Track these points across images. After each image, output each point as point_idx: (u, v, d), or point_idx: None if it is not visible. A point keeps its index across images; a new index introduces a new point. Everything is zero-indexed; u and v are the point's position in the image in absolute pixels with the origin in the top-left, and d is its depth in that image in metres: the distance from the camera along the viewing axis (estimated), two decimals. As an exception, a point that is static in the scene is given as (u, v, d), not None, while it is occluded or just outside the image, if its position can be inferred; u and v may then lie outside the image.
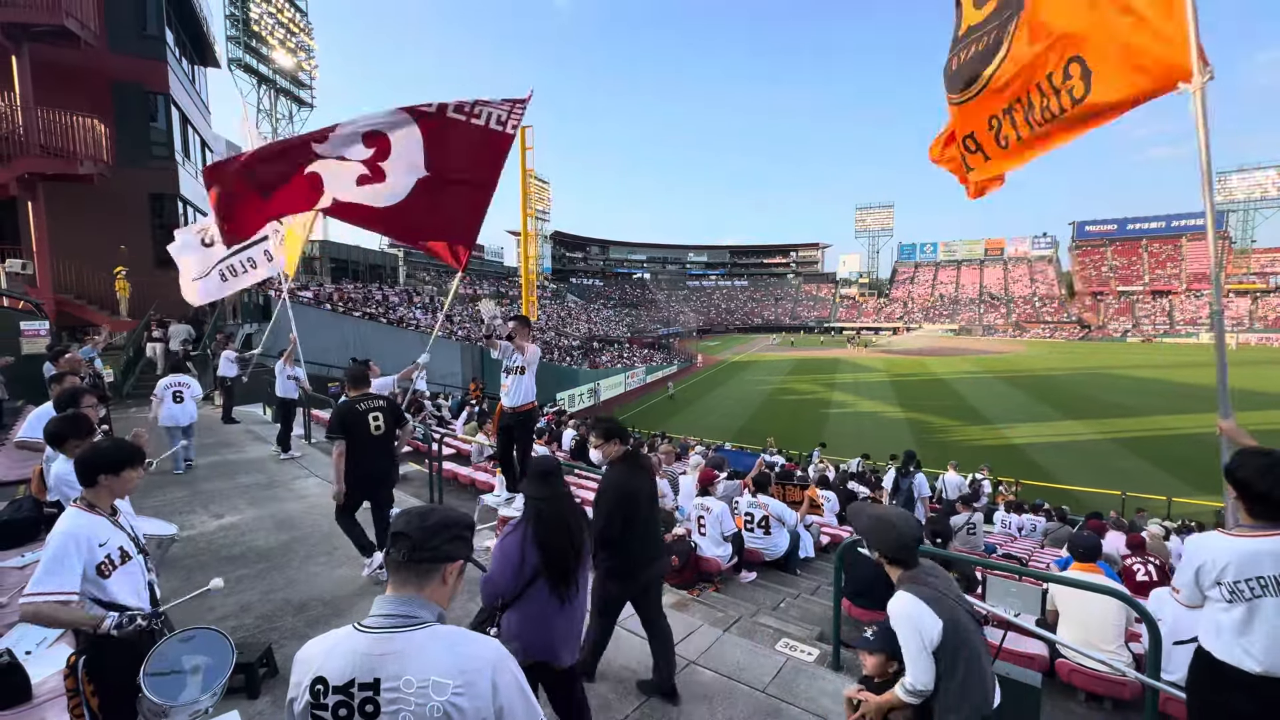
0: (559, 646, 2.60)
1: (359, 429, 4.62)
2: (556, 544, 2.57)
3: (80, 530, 2.28)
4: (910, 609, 2.11)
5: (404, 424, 5.02)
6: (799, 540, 6.72)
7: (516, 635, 2.56)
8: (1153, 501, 14.75)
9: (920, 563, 2.28)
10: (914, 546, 2.25)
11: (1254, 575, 2.15)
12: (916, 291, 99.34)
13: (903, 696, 2.17)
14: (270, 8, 39.34)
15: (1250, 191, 78.84)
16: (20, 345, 10.22)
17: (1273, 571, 2.12)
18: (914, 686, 2.13)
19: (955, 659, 2.07)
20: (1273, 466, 2.16)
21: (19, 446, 5.07)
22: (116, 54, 15.30)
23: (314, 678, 1.33)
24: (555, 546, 2.57)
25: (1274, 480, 2.14)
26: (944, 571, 2.34)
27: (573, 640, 2.69)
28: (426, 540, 1.43)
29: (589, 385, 34.50)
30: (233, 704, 3.00)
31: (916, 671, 2.12)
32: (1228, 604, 2.22)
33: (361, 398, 4.77)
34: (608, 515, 3.18)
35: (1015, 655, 3.93)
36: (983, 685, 2.11)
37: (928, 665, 2.08)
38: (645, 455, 3.68)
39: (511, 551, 2.59)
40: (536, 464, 2.89)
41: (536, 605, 2.56)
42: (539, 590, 2.55)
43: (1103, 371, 42.79)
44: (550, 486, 2.73)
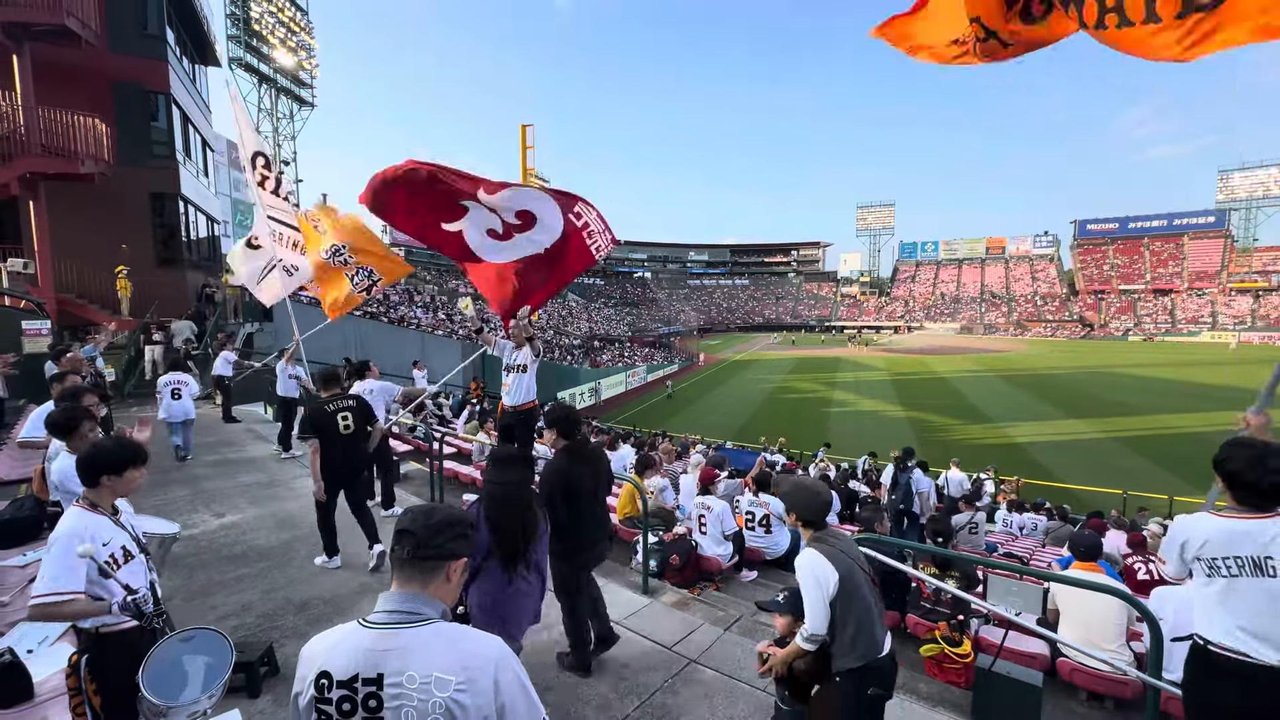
0: (509, 626, 2.79)
1: (329, 429, 4.85)
2: (507, 525, 2.77)
3: (83, 530, 2.28)
4: (813, 562, 2.38)
5: (373, 423, 5.22)
6: (800, 539, 6.72)
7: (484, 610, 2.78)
8: (1154, 500, 14.73)
9: (827, 526, 2.56)
10: (825, 512, 2.56)
11: (1232, 554, 2.24)
12: (918, 290, 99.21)
13: (802, 644, 2.42)
14: (271, 7, 39.36)
15: (1253, 190, 78.70)
16: (22, 344, 10.24)
17: (1250, 552, 2.20)
18: (810, 633, 2.38)
19: (849, 609, 2.33)
20: (1261, 458, 2.25)
21: (21, 445, 5.08)
22: (117, 53, 15.30)
23: (319, 673, 1.34)
24: (506, 527, 2.77)
25: (1262, 471, 2.23)
26: (846, 535, 2.65)
27: (523, 622, 2.91)
28: (430, 538, 1.44)
29: (590, 384, 34.50)
30: (234, 703, 3.00)
31: (814, 619, 2.36)
32: (1206, 578, 2.32)
33: (331, 398, 5.02)
34: (548, 500, 3.35)
35: (1016, 654, 3.92)
36: (872, 634, 2.36)
37: (824, 613, 2.33)
38: (591, 445, 3.86)
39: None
40: (495, 452, 3.25)
41: (490, 583, 2.77)
42: (493, 569, 2.76)
43: (1104, 370, 42.74)
44: (506, 472, 2.92)
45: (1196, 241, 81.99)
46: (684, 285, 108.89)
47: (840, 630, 2.34)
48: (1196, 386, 33.98)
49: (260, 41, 39.32)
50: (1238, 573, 2.22)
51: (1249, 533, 2.21)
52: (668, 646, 3.92)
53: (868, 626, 2.34)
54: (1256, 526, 2.20)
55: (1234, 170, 79.90)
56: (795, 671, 2.47)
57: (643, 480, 6.44)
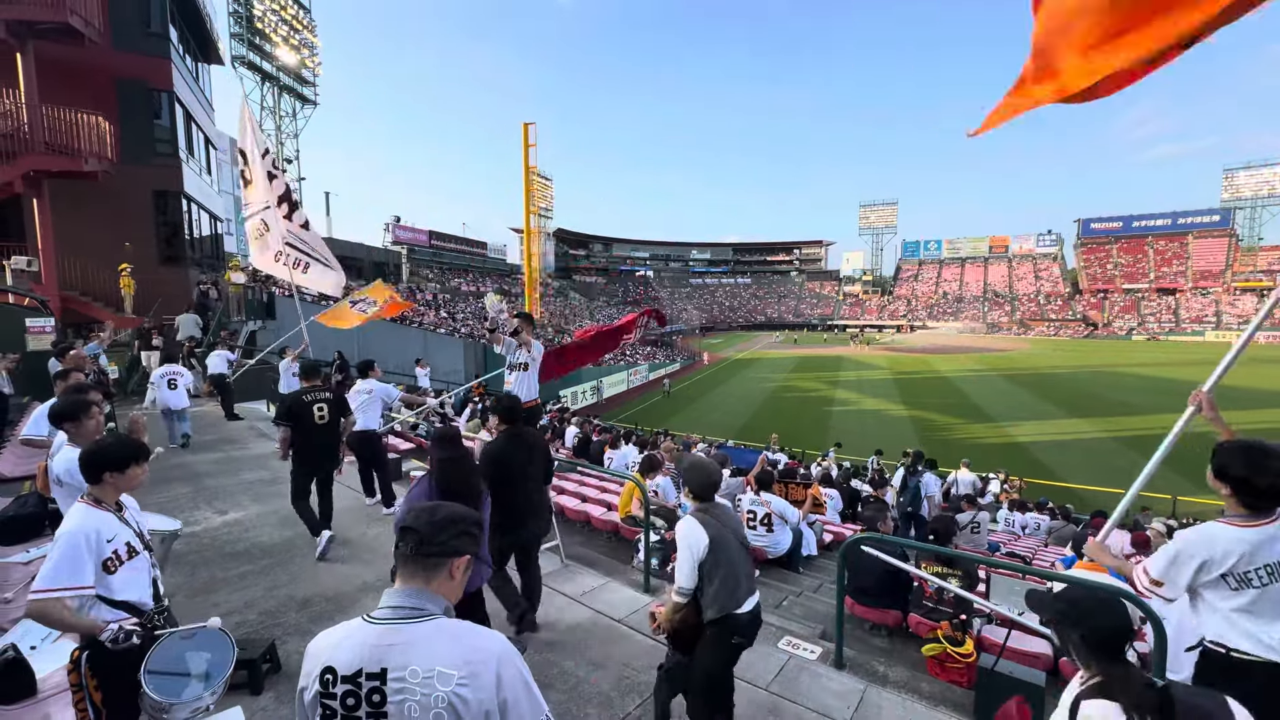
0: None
1: (304, 417, 5.16)
2: (455, 491, 3.16)
3: (88, 526, 2.29)
4: (690, 528, 2.69)
5: (347, 414, 5.60)
6: (802, 538, 6.71)
7: None
8: (1157, 500, 14.68)
9: (714, 500, 2.87)
10: (712, 489, 2.85)
11: (1262, 563, 2.18)
12: (920, 289, 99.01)
13: (674, 598, 2.75)
14: (274, 4, 39.38)
15: (1258, 189, 78.36)
16: (26, 342, 10.27)
17: (1274, 559, 2.17)
18: (679, 588, 2.72)
19: (715, 569, 2.65)
20: (1265, 460, 2.20)
21: (24, 443, 5.08)
22: (121, 51, 15.33)
23: (323, 668, 1.35)
24: (454, 493, 3.14)
25: (1273, 474, 2.18)
26: (728, 508, 2.97)
27: (478, 575, 3.28)
28: (434, 535, 1.45)
29: (592, 383, 34.51)
30: (236, 700, 3.00)
31: (682, 576, 2.70)
32: (1233, 592, 2.23)
33: (310, 389, 5.34)
34: (483, 475, 3.70)
35: (1019, 654, 3.91)
36: (735, 589, 2.69)
37: (692, 572, 2.67)
38: (531, 431, 4.36)
39: (418, 498, 3.22)
40: (440, 431, 3.63)
41: None
42: None
43: (1108, 369, 42.61)
44: (451, 449, 3.39)
45: (1201, 240, 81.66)
46: (686, 284, 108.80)
47: (707, 586, 2.67)
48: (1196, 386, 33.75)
49: (263, 39, 39.35)
50: (1268, 580, 2.18)
51: (1275, 538, 2.18)
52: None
53: (730, 585, 2.67)
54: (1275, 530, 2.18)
55: (1239, 169, 79.54)
56: (677, 625, 2.80)
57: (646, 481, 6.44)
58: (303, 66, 43.08)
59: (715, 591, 2.65)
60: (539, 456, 4.10)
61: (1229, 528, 2.27)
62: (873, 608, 4.78)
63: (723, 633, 2.70)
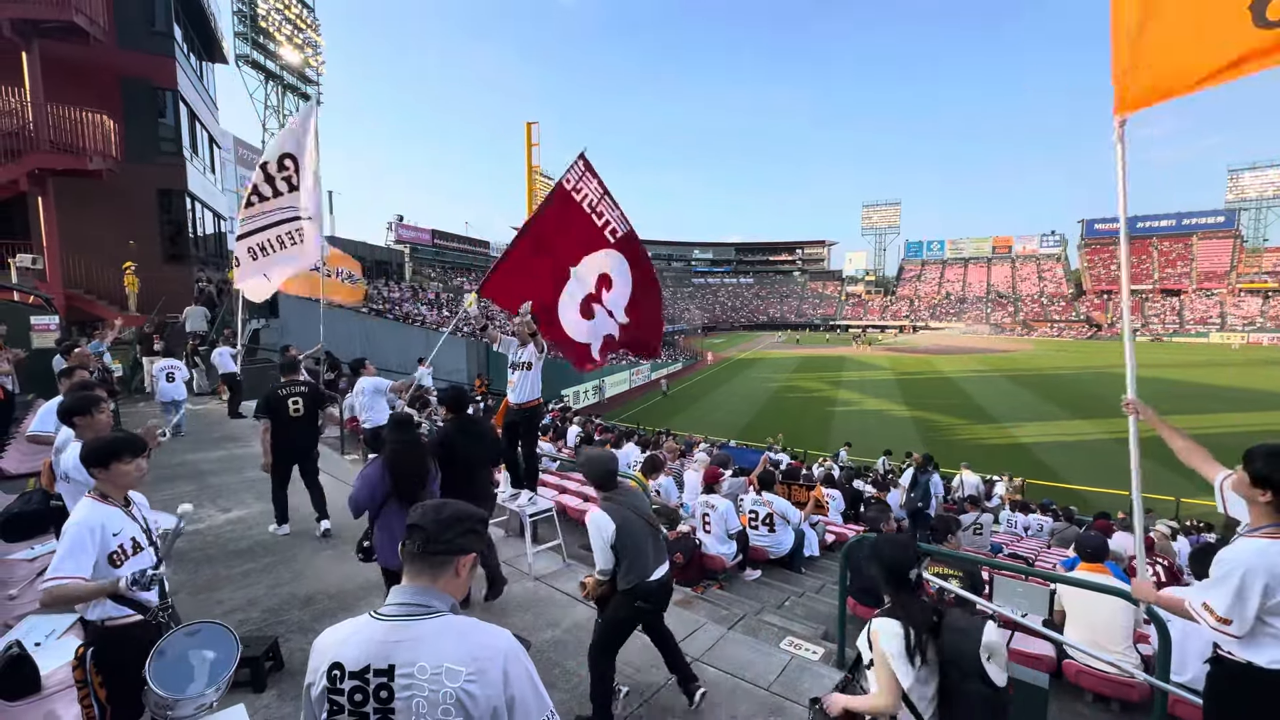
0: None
1: (280, 411, 5.48)
2: (406, 473, 3.54)
3: (94, 519, 2.31)
4: (597, 517, 3.04)
5: (324, 407, 5.91)
6: (804, 538, 6.71)
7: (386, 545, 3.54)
8: (1161, 502, 14.63)
9: (619, 486, 3.20)
10: (610, 478, 3.19)
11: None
12: (923, 289, 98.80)
13: (596, 575, 3.16)
14: (278, 4, 39.39)
15: (1262, 190, 78.00)
16: (31, 339, 10.31)
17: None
18: (600, 570, 3.12)
19: (624, 548, 3.03)
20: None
21: (29, 440, 5.11)
22: (125, 50, 15.36)
23: (331, 664, 1.36)
24: (405, 474, 3.54)
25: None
26: (635, 491, 3.31)
27: None
28: (440, 533, 1.45)
29: (594, 382, 34.51)
30: (239, 697, 3.01)
31: (599, 560, 3.08)
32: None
33: (288, 384, 5.64)
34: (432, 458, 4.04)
35: (1022, 656, 3.90)
36: (643, 566, 3.07)
37: (605, 553, 3.04)
38: (478, 419, 4.82)
39: (373, 478, 3.55)
40: (394, 416, 4.02)
41: (394, 519, 3.48)
42: (392, 509, 3.51)
43: (1111, 371, 42.41)
44: (404, 433, 3.73)
45: (1205, 241, 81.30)
46: (688, 284, 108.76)
47: (620, 562, 3.06)
48: (1204, 387, 33.76)
49: (267, 39, 39.37)
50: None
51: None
52: (671, 645, 3.91)
53: (639, 561, 3.06)
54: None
55: (1244, 170, 79.20)
56: (600, 593, 3.22)
57: (648, 481, 6.45)
58: (306, 66, 43.10)
59: (627, 567, 3.06)
60: (485, 443, 4.49)
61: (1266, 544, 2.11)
62: (875, 608, 4.77)
63: (630, 597, 3.10)
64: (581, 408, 29.03)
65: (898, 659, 2.01)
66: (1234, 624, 2.11)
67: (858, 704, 2.17)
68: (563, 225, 5.63)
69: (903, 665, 2.01)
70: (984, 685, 1.96)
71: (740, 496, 6.56)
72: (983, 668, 1.96)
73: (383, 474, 3.55)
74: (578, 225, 5.63)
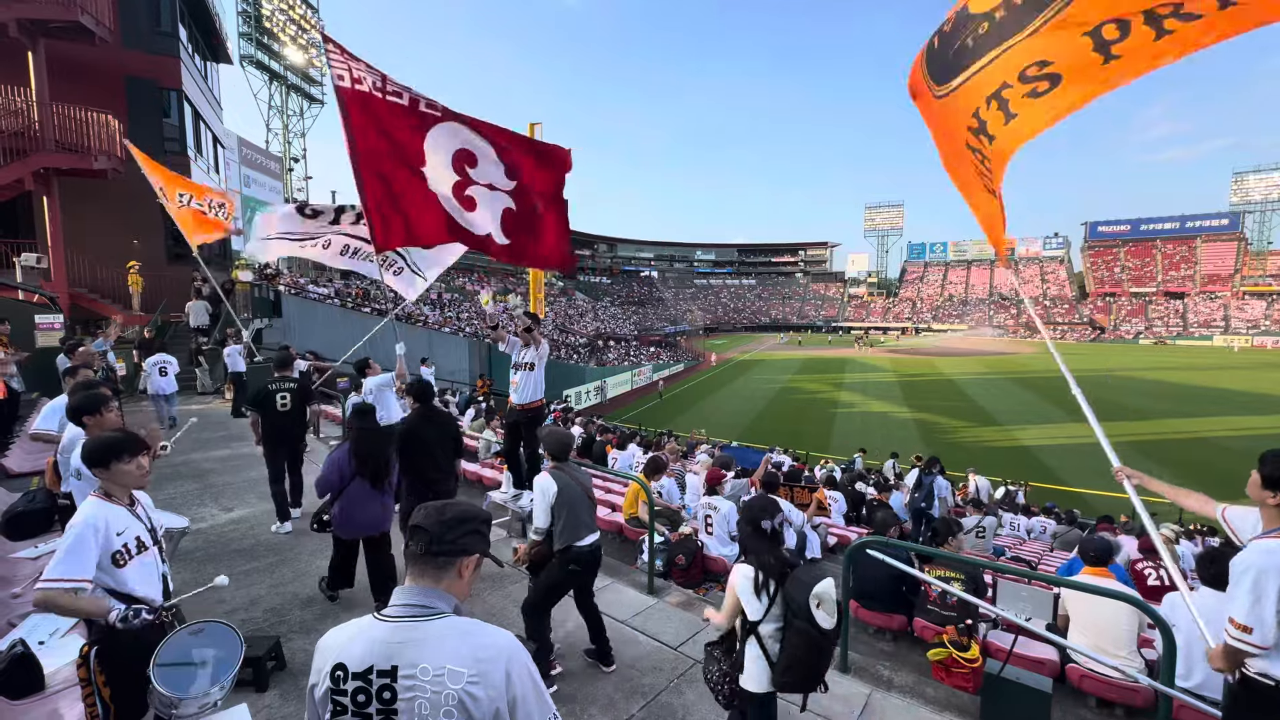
0: (371, 523, 4.15)
1: (269, 405, 5.80)
2: (369, 455, 4.05)
3: (98, 518, 2.31)
4: (543, 480, 3.43)
5: (311, 402, 6.17)
6: (806, 541, 6.69)
7: (343, 518, 4.06)
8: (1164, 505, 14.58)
9: (568, 460, 3.61)
10: (565, 450, 3.61)
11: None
12: (926, 291, 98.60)
13: (531, 535, 3.55)
14: (282, 4, 39.52)
15: (1267, 192, 77.79)
16: (35, 338, 10.34)
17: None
18: (536, 527, 3.48)
19: (560, 509, 3.40)
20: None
21: (33, 438, 5.12)
22: (130, 50, 15.43)
23: (334, 664, 1.36)
24: (369, 457, 4.05)
25: None
26: (577, 466, 3.73)
27: (383, 521, 4.20)
28: (444, 534, 1.45)
29: (595, 383, 34.53)
30: (241, 697, 3.01)
31: (538, 518, 3.45)
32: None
33: (278, 379, 5.94)
34: (397, 447, 4.50)
35: (1025, 659, 3.89)
36: (576, 527, 3.44)
37: (545, 513, 3.40)
38: (441, 411, 5.09)
39: (339, 460, 4.08)
40: (357, 405, 4.52)
41: (357, 495, 4.05)
42: (357, 486, 4.06)
43: (1115, 373, 42.35)
44: (367, 420, 4.30)
45: (1209, 244, 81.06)
46: (690, 284, 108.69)
47: (555, 523, 3.41)
48: (1208, 390, 33.71)
49: (271, 39, 39.51)
50: None
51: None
52: (673, 647, 3.91)
53: (572, 523, 3.41)
54: None
55: (1249, 173, 78.95)
56: (535, 558, 3.58)
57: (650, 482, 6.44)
58: (310, 66, 43.21)
59: (561, 528, 3.40)
60: (447, 433, 4.83)
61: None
62: (878, 611, 4.77)
63: (564, 559, 3.44)
64: (583, 408, 29.04)
65: (744, 593, 2.47)
66: (1255, 632, 2.03)
67: (715, 619, 2.73)
68: (382, 130, 4.55)
69: (749, 600, 2.46)
70: (811, 626, 2.33)
71: (743, 498, 6.55)
72: (811, 612, 2.32)
73: (348, 457, 4.05)
74: (390, 119, 4.56)
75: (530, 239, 4.96)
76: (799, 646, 2.37)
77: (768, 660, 2.45)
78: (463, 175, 4.78)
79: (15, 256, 13.31)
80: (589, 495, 3.55)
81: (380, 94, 4.47)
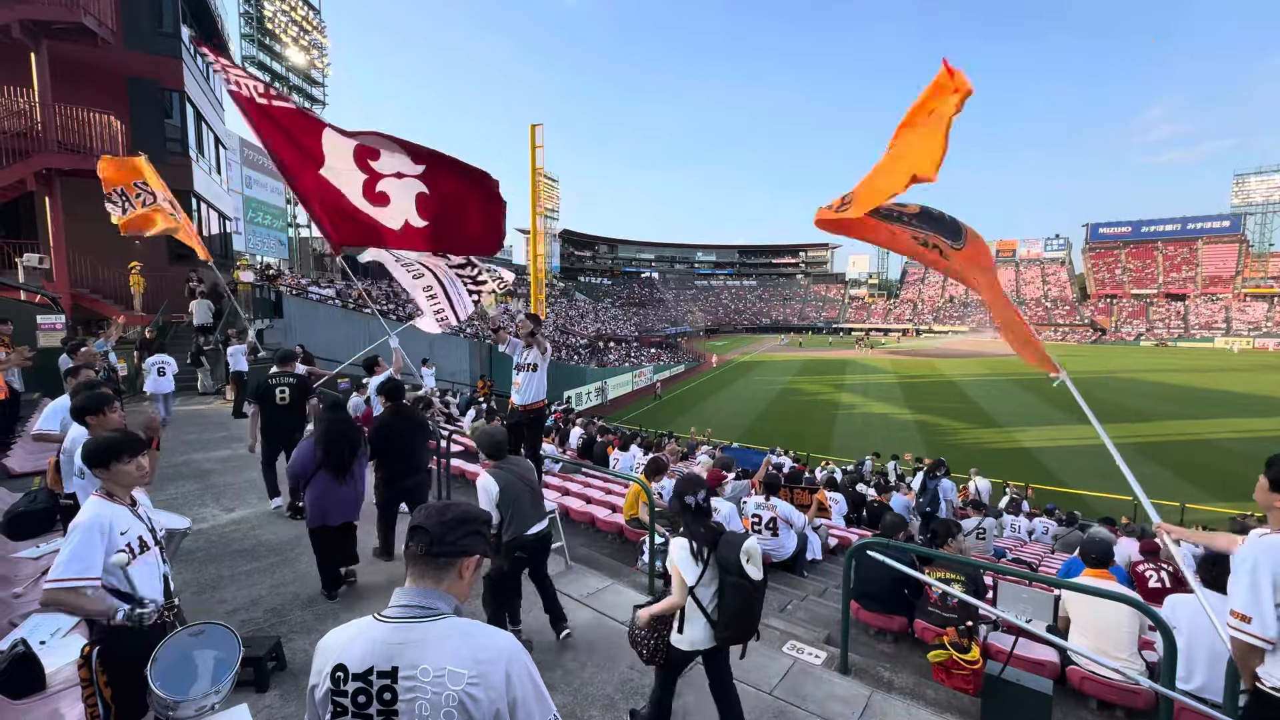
0: (340, 512, 4.36)
1: (268, 398, 5.99)
2: (334, 444, 4.30)
3: (102, 518, 2.32)
4: (484, 480, 3.67)
5: (309, 398, 6.26)
6: (807, 542, 6.69)
7: (314, 506, 4.26)
8: (1165, 507, 14.57)
9: (505, 457, 3.81)
10: (499, 447, 3.79)
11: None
12: (926, 293, 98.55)
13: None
14: (284, 6, 39.60)
15: (1268, 194, 77.73)
16: (37, 338, 10.35)
17: None
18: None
19: (506, 505, 3.64)
20: None
21: (36, 439, 5.13)
22: (133, 51, 15.46)
23: (334, 665, 1.36)
24: (334, 448, 4.29)
25: None
26: (521, 460, 4.00)
27: (348, 510, 4.41)
28: (444, 535, 1.45)
29: (596, 384, 34.53)
30: (241, 697, 3.01)
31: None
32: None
33: (279, 374, 6.13)
34: (370, 439, 4.81)
35: (1026, 661, 3.88)
36: (521, 522, 3.69)
37: (491, 509, 3.59)
38: (410, 409, 5.34)
39: (306, 451, 4.36)
40: (329, 398, 4.73)
41: (322, 486, 4.27)
42: (323, 476, 4.27)
43: (1116, 375, 42.31)
44: (336, 413, 4.49)
45: (1210, 246, 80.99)
46: (691, 285, 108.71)
47: (503, 517, 3.65)
48: (1209, 392, 33.64)
49: (273, 40, 39.59)
50: None
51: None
52: (673, 648, 3.90)
53: (518, 517, 3.68)
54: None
55: (1250, 174, 78.91)
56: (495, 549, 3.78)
57: (651, 484, 6.44)
58: (312, 67, 43.30)
59: (508, 522, 3.67)
60: (416, 428, 5.20)
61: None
62: (878, 613, 4.76)
63: (511, 548, 3.68)
64: (584, 409, 29.03)
65: (683, 564, 2.72)
66: (1254, 622, 2.04)
67: (660, 607, 2.80)
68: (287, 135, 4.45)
69: (687, 568, 2.72)
70: (742, 579, 2.66)
71: (743, 500, 6.55)
72: (742, 567, 2.65)
73: (315, 448, 4.29)
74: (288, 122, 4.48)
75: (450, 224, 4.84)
76: (735, 600, 2.66)
77: (708, 619, 2.72)
78: (368, 171, 4.62)
79: (17, 257, 13.34)
80: (532, 487, 3.83)
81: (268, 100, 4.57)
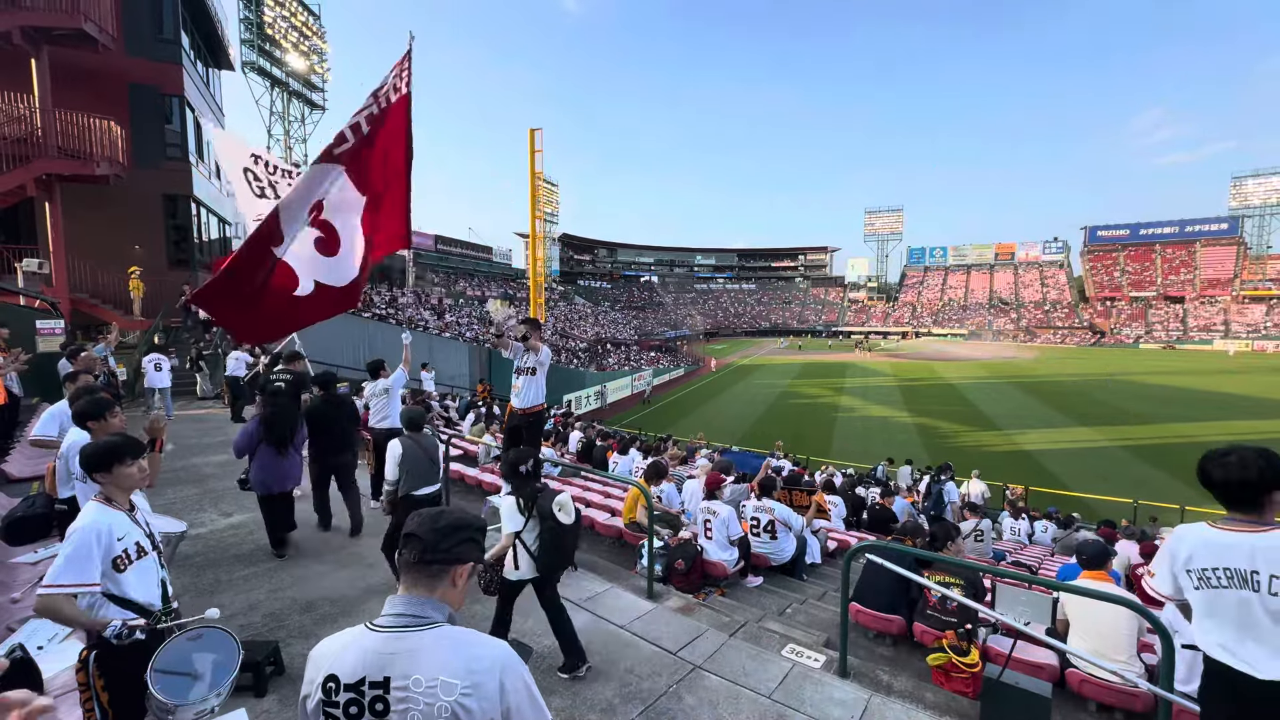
0: (279, 481, 5.16)
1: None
2: (274, 424, 5.16)
3: (100, 523, 2.31)
4: (393, 445, 4.52)
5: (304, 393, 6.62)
6: (806, 545, 6.68)
7: (257, 476, 5.10)
8: (1165, 509, 14.56)
9: (421, 431, 4.72)
10: (414, 423, 4.71)
11: (1220, 565, 2.24)
12: (926, 296, 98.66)
13: (385, 488, 4.58)
14: (284, 11, 39.74)
15: (1266, 197, 77.94)
16: (36, 343, 10.35)
17: (1239, 565, 2.20)
18: (388, 480, 4.52)
19: (403, 468, 4.47)
20: (1220, 456, 2.35)
21: (33, 444, 5.12)
22: (133, 57, 15.52)
23: (326, 675, 1.34)
24: (275, 425, 5.16)
25: (1223, 468, 2.31)
26: (429, 436, 4.80)
27: (288, 480, 5.22)
28: (438, 542, 1.44)
29: (596, 387, 34.52)
30: (240, 702, 3.01)
31: (388, 473, 4.50)
32: (1194, 590, 2.32)
33: (280, 373, 6.35)
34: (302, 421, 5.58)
35: (1025, 664, 3.88)
36: (416, 482, 4.53)
37: (394, 470, 4.47)
38: (340, 395, 6.22)
39: (250, 430, 5.18)
40: (271, 388, 5.52)
41: (266, 459, 5.12)
42: (265, 450, 5.12)
43: (1116, 377, 42.33)
44: (279, 397, 5.36)
45: (1209, 249, 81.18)
46: (691, 289, 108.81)
47: (401, 478, 4.47)
48: (1209, 394, 33.59)
49: (273, 45, 39.70)
50: (1225, 584, 2.23)
51: (1238, 546, 2.22)
52: (672, 652, 3.90)
53: (413, 479, 4.51)
54: (1240, 539, 2.22)
55: (1248, 177, 79.12)
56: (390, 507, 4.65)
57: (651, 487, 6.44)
58: (312, 72, 43.40)
59: (404, 483, 4.48)
60: (344, 412, 6.02)
61: (1204, 527, 2.38)
62: (878, 616, 4.75)
63: (408, 505, 4.36)
64: (584, 413, 29.02)
65: (509, 515, 3.50)
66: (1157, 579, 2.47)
67: (495, 551, 3.51)
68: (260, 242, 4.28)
69: (512, 518, 3.49)
70: (556, 524, 3.45)
71: (742, 503, 6.54)
72: (555, 514, 3.44)
73: (258, 427, 5.11)
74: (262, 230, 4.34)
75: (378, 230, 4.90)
76: (550, 540, 3.45)
77: (531, 556, 3.48)
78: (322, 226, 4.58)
79: (17, 262, 13.36)
80: (431, 458, 4.67)
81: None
